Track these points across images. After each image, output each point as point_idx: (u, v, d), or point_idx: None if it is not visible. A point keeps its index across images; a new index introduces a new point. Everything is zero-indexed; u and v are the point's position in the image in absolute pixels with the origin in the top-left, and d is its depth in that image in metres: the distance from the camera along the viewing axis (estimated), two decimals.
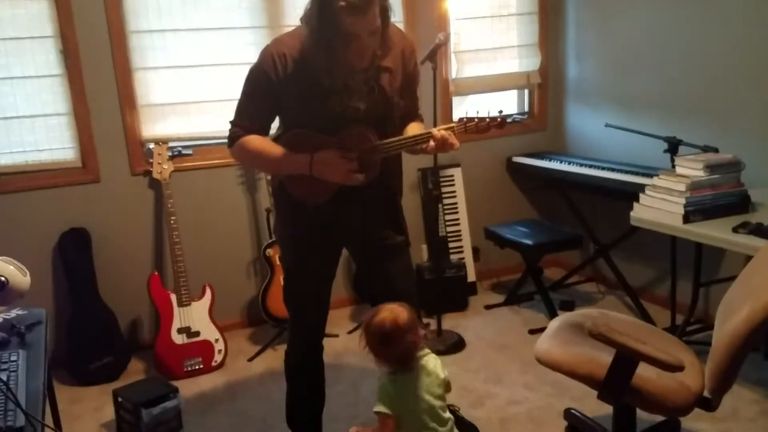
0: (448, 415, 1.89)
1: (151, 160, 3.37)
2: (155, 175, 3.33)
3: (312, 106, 2.08)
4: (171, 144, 3.42)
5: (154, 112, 3.44)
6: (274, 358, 3.33)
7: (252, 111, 2.14)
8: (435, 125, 3.70)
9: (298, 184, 2.16)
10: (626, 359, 1.92)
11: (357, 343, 2.63)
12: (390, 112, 2.16)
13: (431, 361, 1.90)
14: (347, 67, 2.04)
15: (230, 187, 3.63)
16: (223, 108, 3.52)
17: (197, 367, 3.26)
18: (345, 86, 2.08)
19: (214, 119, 3.50)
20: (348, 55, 1.99)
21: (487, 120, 2.06)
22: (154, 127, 3.44)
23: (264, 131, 2.18)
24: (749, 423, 2.60)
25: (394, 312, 1.87)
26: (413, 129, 2.22)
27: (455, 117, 4.11)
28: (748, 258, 2.26)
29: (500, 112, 2.09)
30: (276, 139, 2.18)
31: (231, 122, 2.17)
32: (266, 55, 2.08)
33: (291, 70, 2.04)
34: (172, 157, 3.40)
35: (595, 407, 2.60)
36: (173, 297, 3.26)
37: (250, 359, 3.39)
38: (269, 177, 3.33)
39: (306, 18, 1.99)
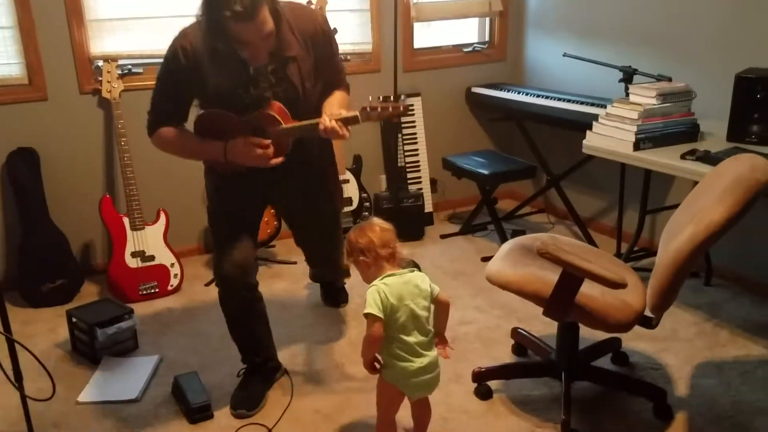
0: (431, 327, 1.96)
1: (100, 78, 3.26)
2: (104, 94, 3.23)
3: (220, 97, 2.14)
4: (121, 62, 3.31)
5: (103, 27, 3.30)
6: None
7: (164, 101, 2.22)
8: (395, 57, 3.69)
9: (223, 164, 2.26)
10: (571, 277, 1.98)
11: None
12: (302, 98, 2.22)
13: (417, 275, 1.96)
14: (248, 64, 2.10)
15: None
16: (174, 25, 3.37)
17: (152, 291, 3.26)
18: (251, 79, 2.14)
19: (165, 37, 3.35)
20: (244, 57, 2.05)
21: (390, 109, 2.09)
22: (102, 43, 3.31)
23: (179, 119, 2.26)
24: (686, 343, 2.74)
25: (369, 221, 2.00)
26: (332, 102, 2.29)
27: (416, 45, 4.07)
28: (695, 185, 2.33)
29: (401, 98, 2.22)
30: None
31: (148, 111, 2.25)
32: (172, 48, 2.14)
33: (195, 64, 2.08)
34: (121, 76, 3.29)
35: (540, 328, 2.70)
36: (126, 220, 3.22)
37: (207, 284, 3.40)
38: None
39: (200, 25, 2.02)
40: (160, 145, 2.28)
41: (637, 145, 2.68)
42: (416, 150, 4.05)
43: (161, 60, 3.38)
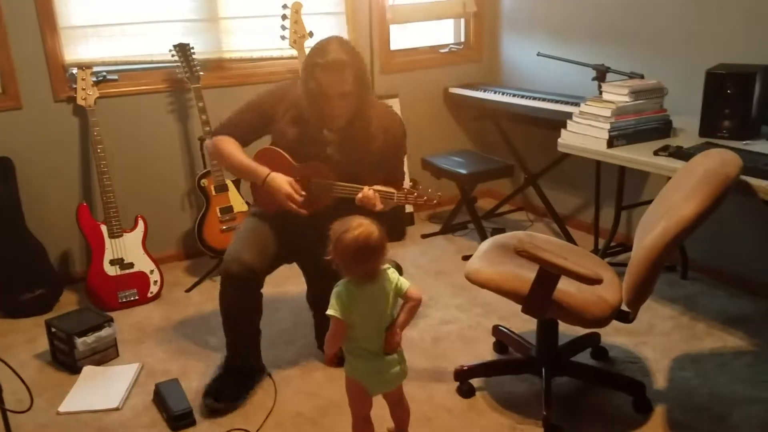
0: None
1: (74, 86, 3.23)
2: (80, 102, 3.20)
3: (291, 146, 2.43)
4: (95, 69, 3.28)
5: (76, 34, 3.27)
6: (213, 289, 3.31)
7: (239, 123, 2.52)
8: (371, 59, 3.71)
9: (261, 192, 2.48)
10: (548, 274, 2.01)
11: (298, 271, 2.70)
12: (361, 171, 2.38)
13: (386, 275, 1.92)
14: (327, 120, 2.37)
15: (160, 114, 3.53)
16: (148, 30, 3.39)
17: (132, 299, 3.23)
18: (322, 136, 2.40)
19: (140, 42, 3.37)
20: (324, 110, 2.32)
21: (425, 198, 2.29)
22: (76, 50, 3.28)
23: (241, 140, 2.50)
24: (664, 336, 2.77)
25: (368, 228, 1.84)
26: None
27: (393, 46, 4.08)
28: (668, 180, 2.37)
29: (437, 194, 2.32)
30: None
31: (221, 122, 2.55)
32: (273, 94, 2.49)
33: (285, 116, 2.42)
34: (96, 83, 3.26)
35: (520, 325, 2.73)
36: (104, 228, 3.19)
37: (188, 290, 3.39)
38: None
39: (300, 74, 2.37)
40: (213, 147, 2.52)
41: (611, 143, 2.71)
42: None
43: (136, 66, 3.43)
